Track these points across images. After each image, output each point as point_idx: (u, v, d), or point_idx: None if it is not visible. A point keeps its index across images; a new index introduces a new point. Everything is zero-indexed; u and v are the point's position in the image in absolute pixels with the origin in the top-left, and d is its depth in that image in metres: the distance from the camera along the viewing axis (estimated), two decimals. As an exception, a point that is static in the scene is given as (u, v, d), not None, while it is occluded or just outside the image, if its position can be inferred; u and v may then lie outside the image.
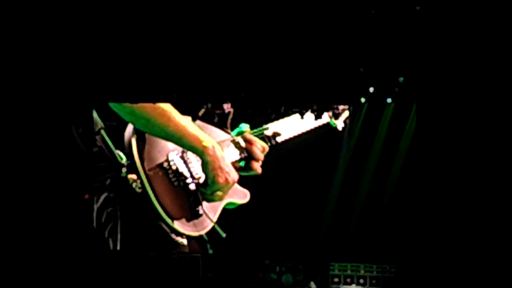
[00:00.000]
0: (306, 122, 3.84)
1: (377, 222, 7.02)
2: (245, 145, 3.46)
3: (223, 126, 3.57)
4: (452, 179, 5.90)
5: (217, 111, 3.51)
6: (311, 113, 3.80)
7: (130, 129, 3.17)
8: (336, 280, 6.54)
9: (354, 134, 7.08)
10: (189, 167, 3.24)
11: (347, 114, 3.99)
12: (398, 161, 6.96)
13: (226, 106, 3.52)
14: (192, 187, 3.19)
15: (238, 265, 6.50)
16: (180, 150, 3.24)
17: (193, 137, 3.20)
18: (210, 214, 3.22)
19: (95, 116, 3.06)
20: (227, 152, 3.39)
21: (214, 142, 3.18)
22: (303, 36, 2.65)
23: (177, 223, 3.14)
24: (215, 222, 3.22)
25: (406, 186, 6.75)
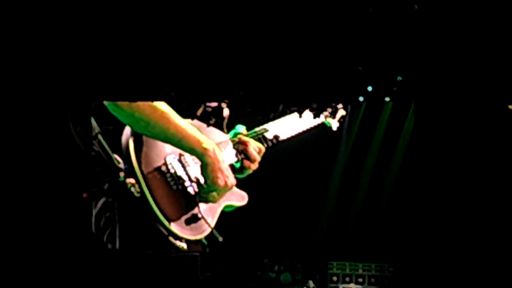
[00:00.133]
0: (301, 123, 3.83)
1: (375, 221, 7.02)
2: (241, 147, 3.44)
3: (219, 128, 3.56)
4: (450, 178, 5.90)
5: (213, 113, 3.50)
6: (310, 111, 3.79)
7: (127, 132, 3.14)
8: (334, 279, 6.54)
9: (352, 133, 7.08)
10: (187, 170, 3.22)
11: (342, 113, 3.98)
12: (396, 160, 6.95)
13: (224, 110, 3.52)
14: (190, 190, 3.17)
15: (237, 264, 6.50)
16: (177, 153, 3.22)
17: (193, 139, 3.19)
18: (209, 217, 3.21)
19: (92, 121, 3.05)
20: (224, 154, 3.37)
21: (214, 144, 3.16)
22: (302, 34, 2.65)
23: (176, 227, 3.12)
24: (214, 225, 3.20)
25: (405, 184, 6.75)
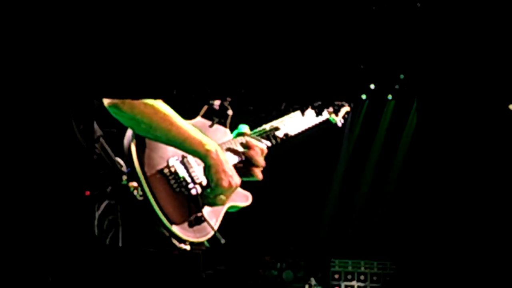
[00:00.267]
0: (306, 120, 3.82)
1: (377, 219, 7.03)
2: (243, 150, 3.43)
3: (223, 126, 3.55)
4: (452, 176, 5.90)
5: (217, 112, 3.49)
6: (312, 109, 3.80)
7: (129, 135, 3.13)
8: (337, 276, 6.55)
9: (355, 130, 7.10)
10: (190, 172, 3.21)
11: (347, 109, 3.96)
12: (399, 157, 6.96)
13: (227, 109, 3.52)
14: (193, 192, 3.16)
15: (239, 261, 6.52)
16: (180, 155, 3.21)
17: (195, 141, 3.17)
18: (212, 219, 3.19)
19: (94, 124, 3.04)
20: (228, 155, 3.36)
21: (216, 145, 3.16)
22: (304, 32, 2.66)
23: (179, 230, 3.10)
24: (218, 227, 3.19)
25: (407, 182, 6.76)
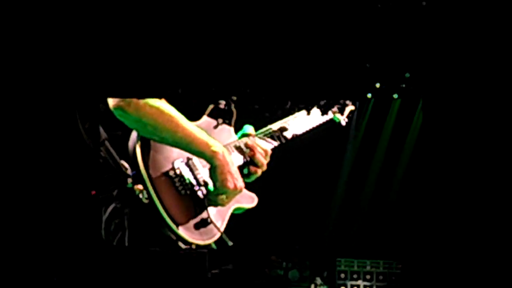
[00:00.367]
0: (310, 119, 3.81)
1: (383, 218, 7.02)
2: (247, 151, 3.42)
3: (228, 125, 3.54)
4: (458, 175, 5.89)
5: (222, 113, 3.49)
6: (317, 108, 3.79)
7: (134, 137, 3.13)
8: (342, 276, 6.55)
9: (361, 129, 7.09)
10: (195, 174, 3.20)
11: (351, 108, 3.94)
12: (404, 156, 6.95)
13: (232, 109, 3.51)
14: (199, 194, 3.16)
15: (245, 261, 6.51)
16: (185, 157, 3.20)
17: (201, 142, 3.16)
18: (218, 221, 3.19)
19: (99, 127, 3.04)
20: (233, 156, 3.36)
21: (222, 147, 3.15)
22: (309, 31, 2.65)
23: (185, 233, 3.10)
24: (224, 229, 3.18)
25: (413, 181, 6.75)
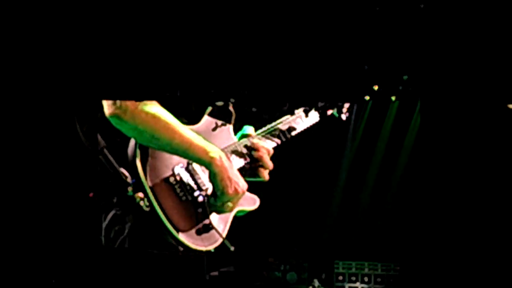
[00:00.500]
0: (311, 116, 3.79)
1: (381, 220, 7.02)
2: (249, 151, 3.40)
3: (228, 123, 3.52)
4: (456, 177, 5.90)
5: (220, 114, 3.48)
6: (315, 111, 3.79)
7: (132, 144, 3.11)
8: (340, 278, 6.54)
9: (359, 132, 7.09)
10: (195, 179, 3.18)
11: (349, 103, 3.92)
12: (402, 159, 6.95)
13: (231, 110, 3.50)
14: (200, 200, 3.13)
15: (243, 263, 6.50)
16: (185, 162, 3.18)
17: (199, 148, 3.13)
18: (220, 226, 3.16)
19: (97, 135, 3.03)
20: (233, 158, 3.34)
21: (220, 151, 3.13)
22: (307, 33, 2.65)
23: (187, 239, 3.07)
24: (226, 234, 3.16)
25: (411, 184, 6.75)
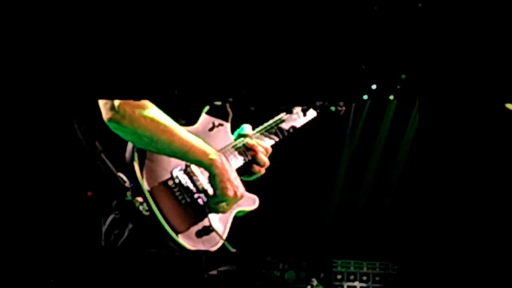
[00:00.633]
0: (309, 112, 3.80)
1: (380, 219, 7.02)
2: (247, 151, 3.40)
3: (225, 122, 3.52)
4: (454, 176, 5.90)
5: (218, 113, 3.48)
6: (313, 110, 3.80)
7: (130, 148, 3.11)
8: (339, 277, 6.54)
9: (357, 131, 7.09)
10: (194, 181, 3.18)
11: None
12: (401, 158, 6.96)
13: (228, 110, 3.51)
14: (200, 202, 3.14)
15: (241, 262, 6.51)
16: (183, 165, 3.18)
17: (199, 151, 3.14)
18: (220, 227, 3.16)
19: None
20: (231, 159, 3.34)
21: (220, 153, 3.13)
22: (305, 33, 2.65)
23: (188, 242, 3.08)
24: (226, 235, 3.17)
25: (409, 183, 6.76)
